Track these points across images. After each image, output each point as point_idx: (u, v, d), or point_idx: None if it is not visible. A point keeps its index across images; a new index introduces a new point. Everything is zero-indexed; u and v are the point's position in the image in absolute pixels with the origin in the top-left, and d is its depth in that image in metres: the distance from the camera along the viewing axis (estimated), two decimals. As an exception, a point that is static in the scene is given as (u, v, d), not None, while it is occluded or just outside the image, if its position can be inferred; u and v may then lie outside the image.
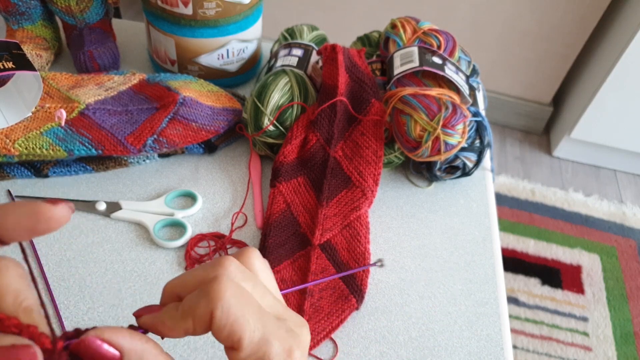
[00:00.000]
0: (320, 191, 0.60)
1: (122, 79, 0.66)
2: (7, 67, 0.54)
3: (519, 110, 1.88)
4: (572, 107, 1.77)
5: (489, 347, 0.52)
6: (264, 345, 0.24)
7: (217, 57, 0.70)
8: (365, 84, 0.66)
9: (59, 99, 0.61)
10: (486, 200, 0.65)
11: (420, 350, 0.51)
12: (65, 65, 0.76)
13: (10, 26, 0.72)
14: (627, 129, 1.67)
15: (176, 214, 0.58)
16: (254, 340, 0.23)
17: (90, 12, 0.70)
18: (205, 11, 0.64)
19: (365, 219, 0.58)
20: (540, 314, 1.41)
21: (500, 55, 1.75)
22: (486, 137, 0.63)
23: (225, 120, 0.64)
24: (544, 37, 1.66)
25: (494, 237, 0.61)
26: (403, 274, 0.57)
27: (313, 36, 0.75)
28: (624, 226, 1.65)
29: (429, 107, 0.60)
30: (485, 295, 0.56)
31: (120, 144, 0.59)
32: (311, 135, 0.63)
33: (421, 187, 0.66)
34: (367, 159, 0.62)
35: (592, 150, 1.80)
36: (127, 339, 0.23)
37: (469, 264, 0.58)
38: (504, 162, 1.83)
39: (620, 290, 1.48)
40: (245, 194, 0.62)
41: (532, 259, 1.52)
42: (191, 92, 0.63)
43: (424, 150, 0.60)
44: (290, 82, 0.65)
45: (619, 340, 1.38)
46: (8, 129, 0.57)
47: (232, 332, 0.23)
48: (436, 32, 0.69)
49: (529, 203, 1.67)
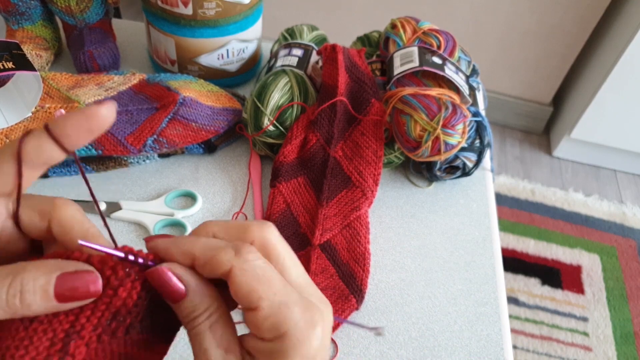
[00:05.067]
0: (320, 191, 0.60)
1: (122, 79, 0.66)
2: (7, 67, 0.54)
3: (519, 110, 1.88)
4: (572, 107, 1.77)
5: (489, 347, 0.52)
6: (283, 309, 0.23)
7: (217, 57, 0.70)
8: (365, 84, 0.66)
9: (59, 99, 0.61)
10: (486, 200, 0.65)
11: (420, 350, 0.51)
12: (65, 65, 0.76)
13: (10, 26, 0.72)
14: (627, 129, 1.67)
15: (176, 214, 0.58)
16: (273, 303, 0.23)
17: (90, 12, 0.70)
18: (205, 11, 0.64)
19: (365, 219, 0.58)
20: (540, 314, 1.41)
21: (500, 55, 1.75)
22: (486, 137, 0.63)
23: (225, 120, 0.64)
24: (544, 37, 1.66)
25: (494, 237, 0.61)
26: (403, 274, 0.57)
27: (313, 36, 0.75)
28: (624, 226, 1.65)
29: (429, 107, 0.60)
30: (485, 295, 0.56)
31: (120, 144, 0.59)
32: (311, 135, 0.63)
33: (421, 187, 0.66)
34: (367, 159, 0.62)
35: (592, 150, 1.80)
36: (194, 280, 0.24)
37: (469, 264, 0.58)
38: (504, 162, 1.83)
39: (620, 290, 1.48)
40: (245, 194, 0.62)
41: (532, 259, 1.52)
42: (191, 92, 0.63)
43: (424, 150, 0.60)
44: (290, 82, 0.65)
45: (619, 340, 1.38)
46: (8, 129, 0.57)
47: (252, 292, 0.23)
48: (436, 32, 0.69)
49: (529, 203, 1.67)
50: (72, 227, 0.24)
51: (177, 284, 0.24)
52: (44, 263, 0.22)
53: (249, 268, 0.23)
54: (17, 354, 0.21)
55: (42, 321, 0.22)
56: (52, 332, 0.22)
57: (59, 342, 0.22)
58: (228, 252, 0.23)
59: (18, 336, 0.22)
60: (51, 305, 0.22)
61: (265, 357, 0.24)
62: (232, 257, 0.23)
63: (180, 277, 0.24)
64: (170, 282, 0.23)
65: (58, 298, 0.22)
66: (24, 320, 0.22)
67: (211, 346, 0.24)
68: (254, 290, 0.23)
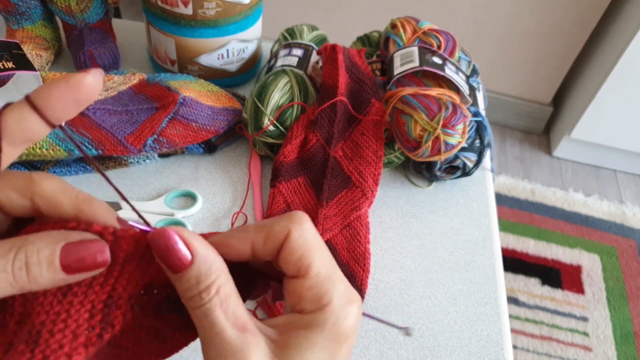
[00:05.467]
0: (320, 191, 0.60)
1: (122, 79, 0.66)
2: (7, 67, 0.55)
3: (519, 110, 1.88)
4: (572, 107, 1.77)
5: (489, 347, 0.52)
6: (328, 282, 0.23)
7: (217, 57, 0.70)
8: (365, 84, 0.66)
9: (59, 99, 0.61)
10: (486, 200, 0.65)
11: (420, 350, 0.51)
12: (65, 65, 0.76)
13: (10, 26, 0.72)
14: (627, 129, 1.67)
15: (176, 214, 0.58)
16: (321, 273, 0.23)
17: (90, 12, 0.70)
18: (205, 11, 0.64)
19: (365, 219, 0.58)
20: (540, 314, 1.41)
21: (500, 55, 1.75)
22: (486, 137, 0.63)
23: (225, 120, 0.64)
24: (544, 37, 1.66)
25: (494, 237, 0.61)
26: (403, 274, 0.57)
27: (313, 36, 0.75)
28: (624, 226, 1.65)
29: (429, 107, 0.60)
30: (485, 295, 0.56)
31: (120, 144, 0.59)
32: (311, 135, 0.63)
33: (421, 187, 0.66)
34: (367, 159, 0.62)
35: (592, 150, 1.80)
36: (202, 246, 0.22)
37: (469, 264, 0.58)
38: (504, 162, 1.83)
39: (620, 290, 1.48)
40: (245, 194, 0.62)
41: (532, 259, 1.53)
42: (191, 92, 0.63)
43: (424, 150, 0.60)
44: (290, 82, 0.65)
45: (619, 340, 1.38)
46: (8, 129, 0.57)
47: (304, 257, 0.23)
48: (436, 32, 0.69)
49: (529, 203, 1.67)
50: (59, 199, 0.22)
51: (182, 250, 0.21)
52: (48, 234, 0.21)
53: (304, 233, 0.23)
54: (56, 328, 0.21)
55: (76, 293, 0.22)
56: (89, 303, 0.22)
57: (98, 313, 0.22)
58: (283, 221, 0.23)
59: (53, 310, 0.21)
60: (59, 278, 0.21)
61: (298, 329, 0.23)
62: (287, 223, 0.23)
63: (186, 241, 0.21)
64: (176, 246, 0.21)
65: (65, 269, 0.20)
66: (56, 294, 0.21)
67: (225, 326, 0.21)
68: (305, 256, 0.23)
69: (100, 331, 0.22)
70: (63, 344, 0.21)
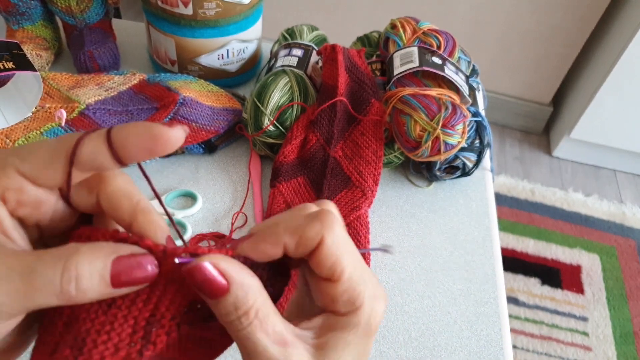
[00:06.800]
0: (320, 191, 0.60)
1: (122, 79, 0.66)
2: (7, 67, 0.55)
3: (519, 110, 1.88)
4: (571, 107, 1.77)
5: (488, 347, 0.52)
6: (360, 284, 0.23)
7: (217, 57, 0.70)
8: (365, 84, 0.66)
9: (59, 99, 0.61)
10: (486, 200, 0.65)
11: (420, 350, 0.51)
12: (65, 65, 0.76)
13: (10, 26, 0.72)
14: (627, 129, 1.67)
15: (176, 214, 0.58)
16: (353, 277, 0.23)
17: (90, 12, 0.70)
18: (205, 11, 0.64)
19: (365, 219, 0.58)
20: (540, 314, 1.41)
21: (500, 55, 1.75)
22: (486, 137, 0.63)
23: (225, 120, 0.64)
24: (544, 37, 1.66)
25: (493, 237, 0.62)
26: (403, 274, 0.57)
27: (313, 36, 0.75)
28: (624, 226, 1.65)
29: (429, 107, 0.60)
30: (485, 295, 0.56)
31: (121, 144, 0.59)
32: (311, 135, 0.63)
33: (421, 187, 0.66)
34: (367, 159, 0.62)
35: (592, 150, 1.80)
36: (238, 271, 0.22)
37: (468, 264, 0.58)
38: (504, 162, 1.83)
39: (620, 290, 1.48)
40: (245, 194, 0.62)
41: (532, 259, 1.53)
42: (191, 92, 0.63)
43: (424, 150, 0.60)
44: (290, 82, 0.65)
45: (619, 340, 1.38)
46: (8, 129, 0.57)
47: (337, 262, 0.23)
48: (436, 32, 0.69)
49: (529, 203, 1.68)
50: (120, 202, 0.23)
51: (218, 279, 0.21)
52: (99, 247, 0.21)
53: (337, 239, 0.23)
54: (100, 339, 0.21)
55: (120, 307, 0.22)
56: (132, 319, 0.22)
57: (140, 330, 0.22)
58: (315, 225, 0.23)
59: (98, 320, 0.21)
60: (107, 292, 0.21)
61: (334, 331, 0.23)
62: (320, 229, 0.23)
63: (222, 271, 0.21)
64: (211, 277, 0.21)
65: (114, 283, 0.20)
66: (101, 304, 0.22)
67: (267, 346, 0.22)
68: (338, 261, 0.23)
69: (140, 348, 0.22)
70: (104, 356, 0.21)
